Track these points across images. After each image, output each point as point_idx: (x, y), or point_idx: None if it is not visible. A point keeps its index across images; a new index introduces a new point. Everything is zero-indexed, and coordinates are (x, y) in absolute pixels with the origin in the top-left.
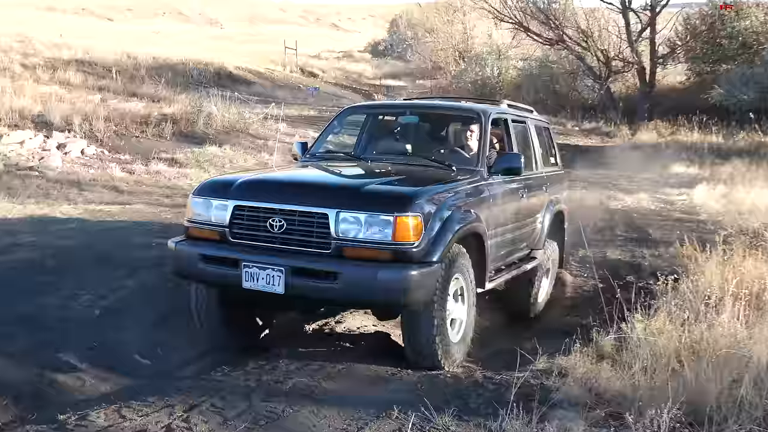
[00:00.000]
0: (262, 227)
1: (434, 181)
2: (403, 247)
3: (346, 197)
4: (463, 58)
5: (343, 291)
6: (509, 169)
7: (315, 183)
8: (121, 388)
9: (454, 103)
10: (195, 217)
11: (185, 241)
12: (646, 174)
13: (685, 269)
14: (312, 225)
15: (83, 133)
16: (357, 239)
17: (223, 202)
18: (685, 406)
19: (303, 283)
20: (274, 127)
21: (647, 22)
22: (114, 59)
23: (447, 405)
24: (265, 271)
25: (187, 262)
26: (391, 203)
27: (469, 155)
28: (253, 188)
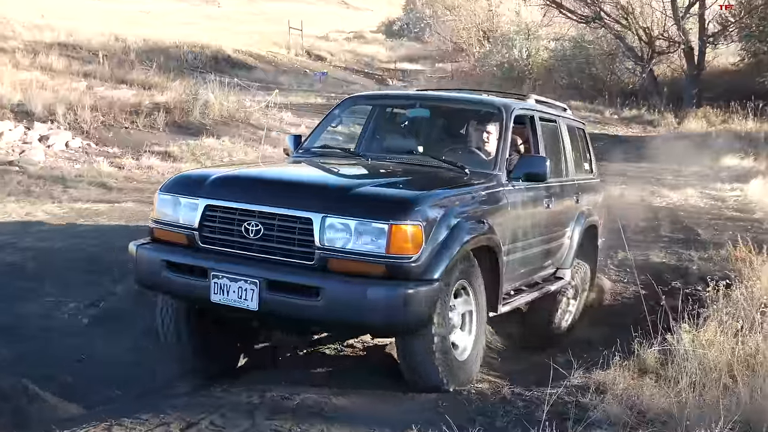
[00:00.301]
0: (237, 232)
1: (441, 184)
2: (398, 261)
3: (334, 200)
4: (487, 39)
5: (326, 310)
6: (532, 174)
7: (299, 182)
8: (111, 404)
9: (472, 96)
10: (161, 217)
11: (149, 245)
12: (694, 167)
13: (739, 274)
14: (293, 231)
15: (68, 124)
16: (345, 250)
17: (193, 200)
18: (739, 425)
19: (279, 298)
20: (277, 117)
21: None
22: (100, 42)
23: (471, 424)
24: (237, 284)
25: (150, 270)
26: (387, 208)
27: (487, 157)
28: (228, 185)
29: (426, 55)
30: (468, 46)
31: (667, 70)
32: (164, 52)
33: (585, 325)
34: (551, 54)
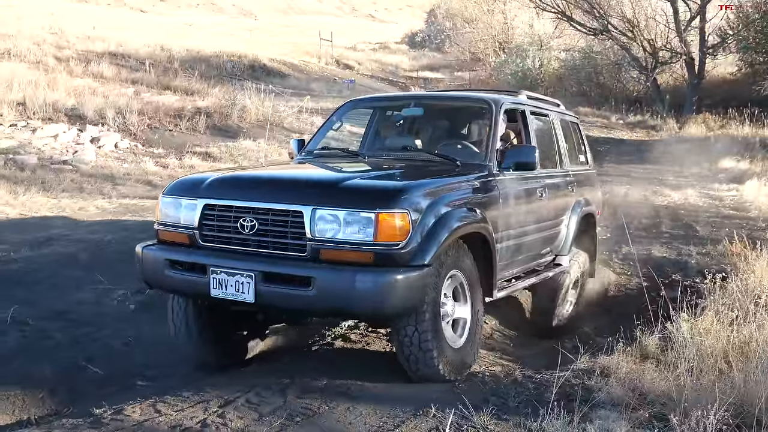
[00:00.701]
0: (233, 228)
1: (430, 175)
2: (387, 249)
3: (323, 193)
4: (503, 50)
5: (317, 299)
6: (522, 163)
7: (290, 179)
8: (156, 382)
9: (463, 93)
10: (164, 218)
11: (154, 246)
12: (694, 169)
13: (734, 267)
14: (286, 225)
15: (117, 127)
16: (335, 240)
17: (192, 201)
18: (733, 408)
19: (273, 290)
20: (309, 121)
21: (696, 11)
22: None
23: (485, 404)
24: (234, 278)
25: (154, 269)
26: (374, 198)
27: (478, 149)
28: (224, 186)
29: (446, 65)
30: (485, 56)
31: (670, 78)
32: (205, 61)
33: (591, 314)
34: (562, 64)
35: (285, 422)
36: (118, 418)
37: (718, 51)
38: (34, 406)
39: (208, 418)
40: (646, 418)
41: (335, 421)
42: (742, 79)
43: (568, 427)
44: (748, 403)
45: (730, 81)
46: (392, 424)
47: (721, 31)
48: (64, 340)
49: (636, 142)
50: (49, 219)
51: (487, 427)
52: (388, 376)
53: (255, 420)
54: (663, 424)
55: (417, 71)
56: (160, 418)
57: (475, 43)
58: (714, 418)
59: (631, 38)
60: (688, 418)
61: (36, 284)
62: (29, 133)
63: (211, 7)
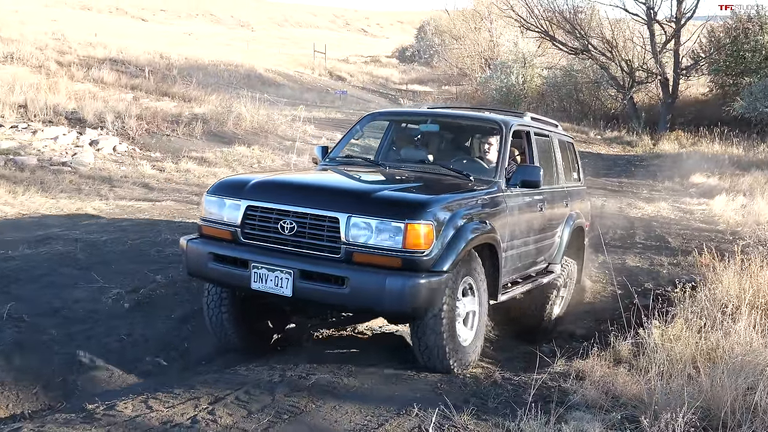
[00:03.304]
0: (273, 229)
1: (450, 189)
2: (413, 255)
3: (358, 202)
4: (488, 66)
5: (350, 297)
6: (528, 181)
7: (327, 186)
8: (147, 379)
9: (476, 113)
10: (208, 215)
11: (197, 240)
12: (667, 183)
13: (703, 278)
14: (323, 228)
15: (115, 131)
16: (367, 245)
17: (236, 201)
18: (700, 411)
19: (311, 286)
20: (301, 129)
21: (672, 34)
22: (147, 59)
23: (466, 404)
24: (274, 273)
25: (198, 261)
26: (403, 210)
27: (488, 166)
28: (266, 189)
29: (434, 79)
30: (471, 71)
31: (645, 97)
32: (203, 69)
33: (568, 320)
34: (544, 81)
35: (273, 420)
36: (111, 414)
37: (691, 72)
38: (28, 401)
39: (198, 414)
40: (618, 420)
41: (321, 419)
42: (712, 99)
43: (544, 427)
44: (714, 407)
45: (701, 101)
46: (376, 422)
47: (694, 53)
48: (59, 336)
49: (613, 156)
50: (47, 218)
51: (467, 426)
52: (373, 375)
53: (244, 417)
54: (634, 425)
55: (406, 84)
56: (152, 414)
57: (462, 59)
58: (682, 420)
59: (610, 58)
60: (658, 421)
61: (33, 282)
62: (30, 135)
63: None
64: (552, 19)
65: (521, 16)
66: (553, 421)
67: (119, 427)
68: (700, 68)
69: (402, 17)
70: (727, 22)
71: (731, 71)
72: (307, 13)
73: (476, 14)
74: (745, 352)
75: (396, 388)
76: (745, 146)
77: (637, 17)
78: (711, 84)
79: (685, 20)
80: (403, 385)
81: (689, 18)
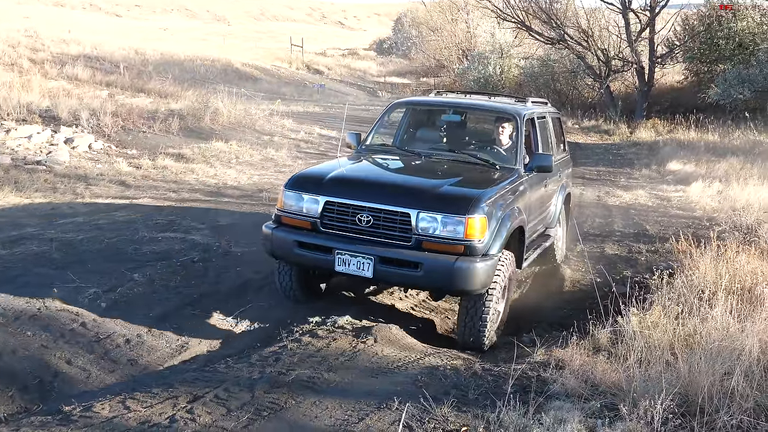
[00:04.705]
0: (351, 221)
1: (490, 183)
2: (471, 243)
3: (425, 199)
4: (466, 57)
5: (424, 278)
6: (542, 167)
7: (398, 184)
8: (126, 379)
9: (492, 104)
10: (287, 207)
11: (280, 228)
12: (644, 171)
13: (680, 264)
14: (396, 221)
15: (91, 128)
16: (434, 235)
17: (315, 197)
18: (678, 397)
19: (390, 270)
20: (279, 123)
21: (646, 23)
22: (122, 55)
23: (446, 396)
24: (356, 259)
25: (284, 247)
26: (462, 206)
27: (506, 153)
28: (343, 185)
29: (412, 71)
30: (449, 62)
31: (622, 86)
32: (179, 65)
33: (548, 309)
34: (521, 71)
35: (252, 417)
36: (87, 415)
37: (666, 60)
38: (4, 404)
39: (177, 413)
40: (597, 408)
41: (301, 415)
42: (688, 87)
43: (523, 418)
44: (692, 393)
45: (677, 89)
46: (357, 417)
47: (669, 42)
48: (35, 339)
49: (590, 145)
50: (22, 218)
51: (447, 418)
52: (353, 369)
53: (223, 415)
54: (613, 413)
55: (384, 76)
56: (129, 414)
57: (439, 51)
58: (660, 407)
59: (586, 48)
60: (637, 408)
61: (8, 283)
62: (3, 134)
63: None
64: (528, 10)
65: (497, 6)
66: (532, 412)
67: (96, 428)
68: (675, 56)
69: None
70: (701, 10)
71: (705, 59)
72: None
73: (453, 5)
74: (722, 337)
75: (376, 381)
76: (721, 133)
77: (612, 6)
78: (686, 72)
79: (659, 9)
80: (383, 379)
81: (663, 6)
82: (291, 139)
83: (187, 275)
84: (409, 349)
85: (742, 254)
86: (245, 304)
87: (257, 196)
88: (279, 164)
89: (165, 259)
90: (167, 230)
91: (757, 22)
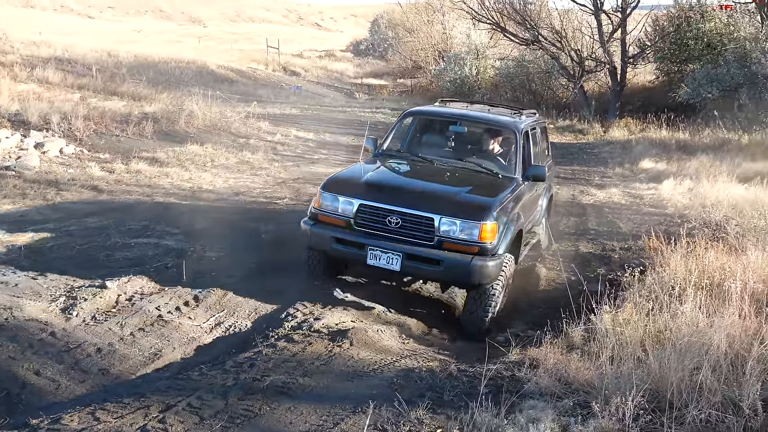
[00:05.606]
0: (382, 222)
1: (497, 191)
2: (485, 244)
3: (447, 206)
4: (442, 58)
5: (444, 273)
6: (537, 176)
7: (423, 192)
8: (97, 389)
9: (494, 117)
10: (324, 207)
11: (317, 225)
12: (617, 169)
13: (652, 261)
14: (421, 224)
15: (62, 132)
16: (453, 237)
17: (350, 199)
18: (649, 393)
19: (415, 265)
20: (255, 126)
21: (618, 24)
22: (94, 57)
23: (422, 398)
24: (386, 254)
25: (322, 241)
26: (478, 213)
27: (506, 162)
28: (375, 190)
29: (389, 72)
30: (425, 64)
31: (595, 86)
32: (153, 67)
33: (522, 308)
34: (497, 71)
35: (226, 425)
36: (55, 428)
37: (638, 60)
38: None
39: (149, 424)
40: (570, 407)
41: (276, 422)
42: (659, 86)
43: (495, 418)
44: (662, 388)
45: (648, 88)
46: (332, 422)
47: (640, 42)
48: (2, 351)
49: (565, 144)
50: None
51: (422, 420)
52: (328, 373)
53: (196, 424)
54: (586, 411)
55: (361, 78)
56: (99, 426)
57: (416, 52)
58: (632, 403)
59: (560, 48)
60: (609, 405)
61: None
62: None
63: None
64: (503, 11)
65: (473, 8)
66: (504, 412)
67: None
68: (646, 56)
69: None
70: (671, 12)
71: (675, 59)
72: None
73: (429, 7)
74: (692, 332)
75: (352, 385)
76: (691, 131)
77: (584, 8)
78: (657, 71)
79: (630, 10)
80: (359, 383)
81: (634, 8)
82: (267, 142)
83: (161, 281)
84: (385, 351)
85: (710, 250)
86: (221, 310)
87: (233, 200)
88: (255, 167)
89: (138, 265)
90: (140, 236)
91: (723, 23)
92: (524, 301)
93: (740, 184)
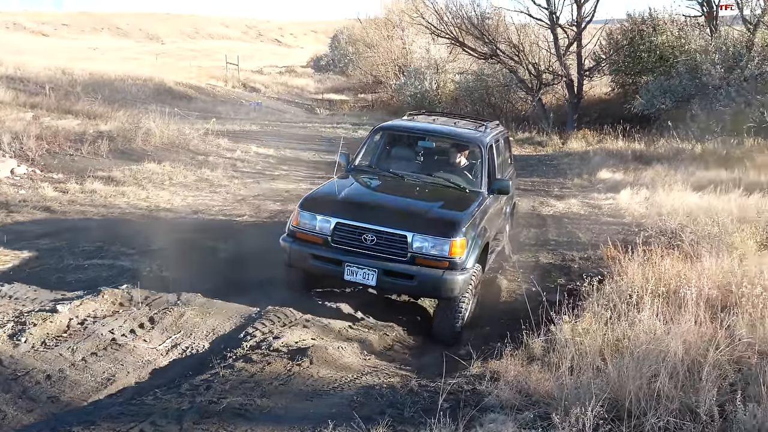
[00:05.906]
0: (357, 239)
1: (465, 206)
2: (454, 259)
3: (418, 224)
4: (402, 73)
5: (418, 287)
6: (502, 189)
7: (396, 210)
8: (45, 418)
9: (461, 132)
10: (302, 225)
11: (296, 242)
12: (576, 180)
13: (610, 270)
14: (395, 241)
15: (13, 152)
16: (425, 253)
17: (327, 218)
18: (608, 402)
19: (390, 280)
20: (215, 143)
21: (574, 37)
22: (48, 75)
23: (382, 416)
24: (362, 270)
25: (300, 258)
26: (449, 230)
27: (472, 177)
28: (351, 209)
29: (350, 87)
30: (386, 78)
31: (553, 98)
32: (109, 85)
33: (484, 320)
34: (456, 85)
35: None
36: None
37: (594, 73)
38: None
39: None
40: (531, 419)
41: None
42: (614, 98)
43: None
44: (621, 397)
45: (605, 100)
46: None
47: (596, 55)
48: None
49: (525, 156)
50: None
51: None
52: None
53: None
54: (547, 422)
55: (322, 93)
56: None
57: (376, 67)
58: (591, 414)
59: (518, 62)
60: (569, 416)
61: None
62: None
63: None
64: (461, 26)
65: (431, 23)
66: (462, 427)
67: None
68: (601, 69)
69: (315, 27)
70: (624, 25)
71: (630, 71)
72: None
73: (388, 22)
74: (649, 340)
75: (311, 405)
76: (646, 141)
77: (541, 22)
78: (612, 84)
79: (585, 24)
80: (318, 402)
81: (589, 22)
82: (227, 159)
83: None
84: (345, 369)
85: (666, 258)
86: (177, 331)
87: (191, 218)
88: (214, 184)
89: (91, 288)
90: (94, 257)
91: (675, 36)
92: (486, 314)
93: (694, 192)
